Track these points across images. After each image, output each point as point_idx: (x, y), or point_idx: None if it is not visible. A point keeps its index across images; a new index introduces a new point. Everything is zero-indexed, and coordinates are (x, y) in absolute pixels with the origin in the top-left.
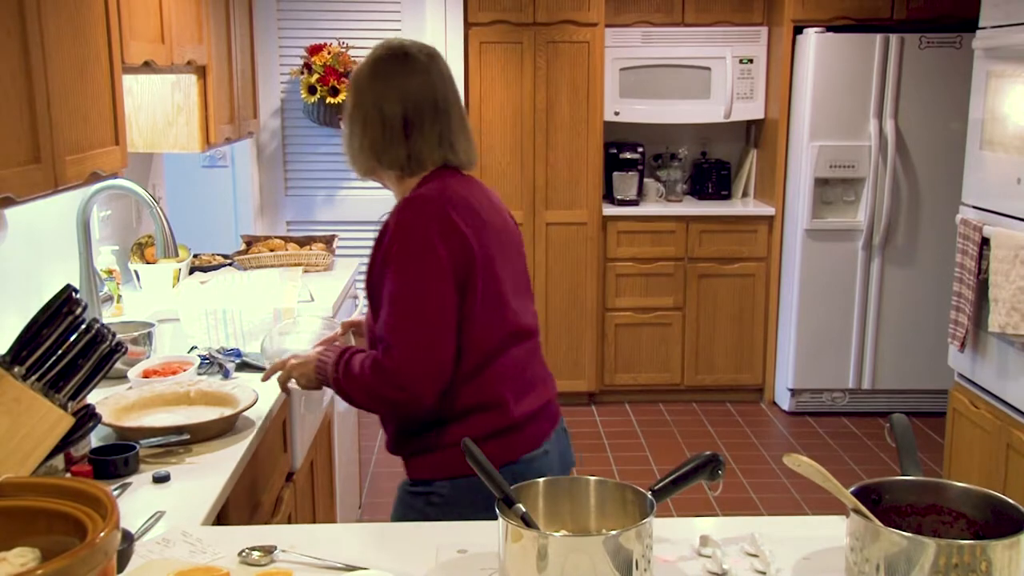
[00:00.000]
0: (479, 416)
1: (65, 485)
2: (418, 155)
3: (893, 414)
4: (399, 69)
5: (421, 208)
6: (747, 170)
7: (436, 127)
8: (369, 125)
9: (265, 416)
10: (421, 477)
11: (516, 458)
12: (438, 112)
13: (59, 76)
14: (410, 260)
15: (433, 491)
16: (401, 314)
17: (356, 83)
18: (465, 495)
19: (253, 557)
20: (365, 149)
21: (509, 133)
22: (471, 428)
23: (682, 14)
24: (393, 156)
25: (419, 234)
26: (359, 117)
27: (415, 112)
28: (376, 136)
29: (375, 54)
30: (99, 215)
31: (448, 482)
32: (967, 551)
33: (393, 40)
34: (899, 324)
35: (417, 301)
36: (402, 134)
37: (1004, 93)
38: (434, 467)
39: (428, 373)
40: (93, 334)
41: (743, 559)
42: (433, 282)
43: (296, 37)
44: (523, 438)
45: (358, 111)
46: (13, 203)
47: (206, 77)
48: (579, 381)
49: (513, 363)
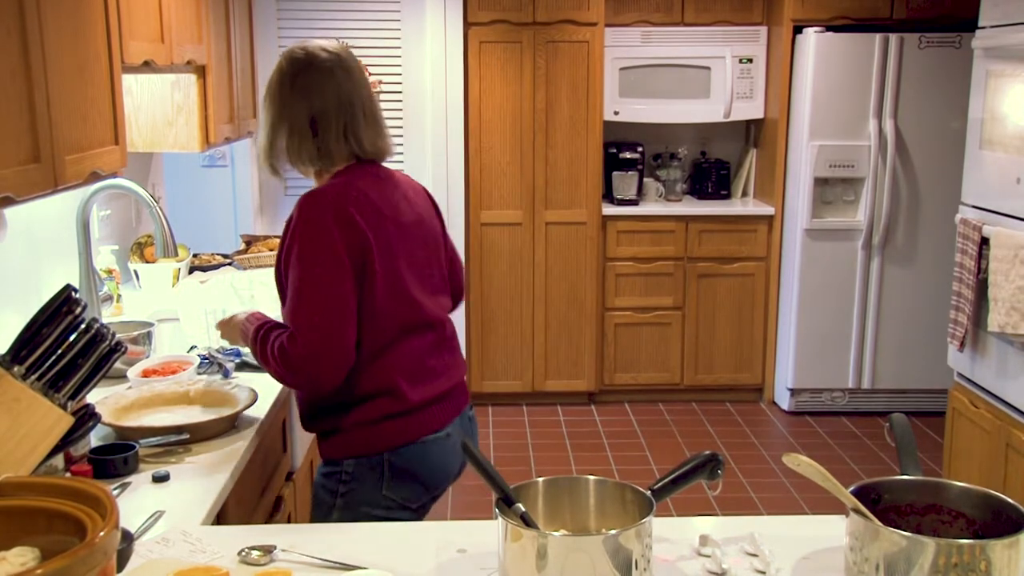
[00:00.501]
0: (376, 401)
1: (65, 485)
2: (327, 151)
3: (893, 414)
4: (302, 74)
5: (319, 202)
6: (747, 170)
7: (340, 123)
8: (280, 129)
9: (265, 416)
10: (332, 457)
11: (413, 439)
12: (342, 109)
13: (59, 76)
14: (309, 251)
15: (341, 470)
16: (302, 302)
17: (267, 93)
18: (367, 473)
19: (253, 557)
20: (279, 151)
21: (508, 133)
22: (369, 412)
23: (682, 14)
24: (306, 155)
25: (317, 226)
26: (269, 122)
27: (320, 112)
28: (288, 137)
29: (280, 64)
30: (99, 215)
31: (353, 460)
32: (966, 551)
33: (296, 48)
34: (899, 324)
35: (317, 290)
36: (310, 133)
37: (1004, 93)
38: (341, 447)
39: (328, 359)
40: (93, 334)
41: (743, 559)
42: (331, 272)
43: (296, 36)
44: (420, 421)
45: (269, 116)
46: (13, 202)
47: (206, 77)
48: (579, 381)
49: (411, 352)
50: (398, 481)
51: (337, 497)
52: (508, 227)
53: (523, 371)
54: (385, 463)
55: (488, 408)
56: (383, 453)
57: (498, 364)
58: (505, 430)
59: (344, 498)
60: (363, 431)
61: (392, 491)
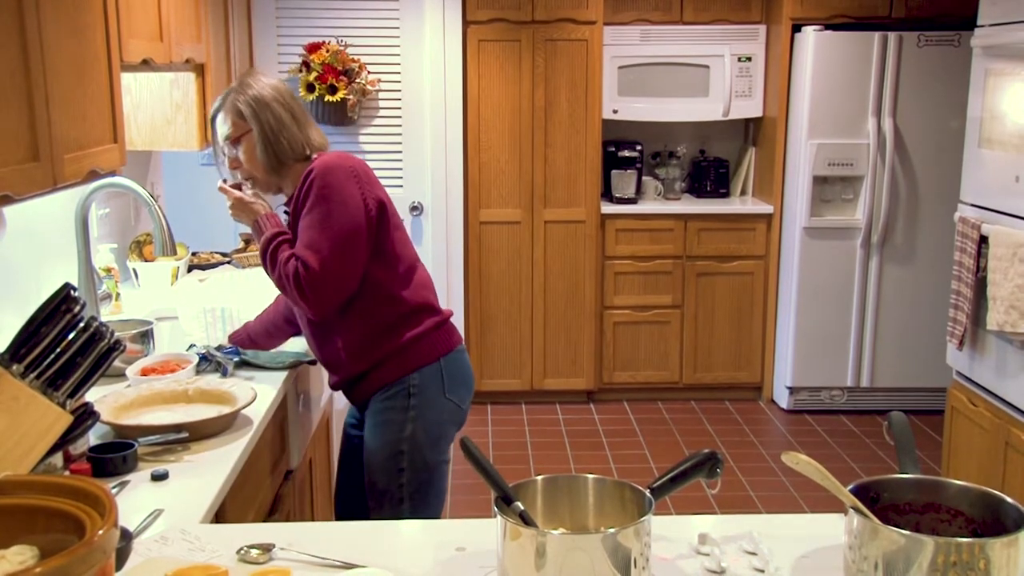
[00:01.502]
0: (420, 316)
1: (64, 483)
2: (308, 139)
3: (891, 412)
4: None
5: (335, 163)
6: (745, 168)
7: (305, 115)
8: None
9: (263, 414)
10: (396, 377)
11: (455, 346)
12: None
13: (58, 74)
14: (332, 198)
15: (408, 384)
16: (313, 236)
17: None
18: (430, 380)
19: (252, 555)
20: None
21: (507, 131)
22: (418, 325)
23: (680, 12)
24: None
25: (338, 179)
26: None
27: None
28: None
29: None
30: (98, 213)
31: (417, 372)
32: (965, 549)
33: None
34: (898, 322)
35: (325, 226)
36: (295, 126)
37: (1002, 91)
38: (404, 363)
39: (335, 282)
40: (92, 332)
41: (742, 557)
42: (351, 217)
43: (294, 35)
44: (452, 331)
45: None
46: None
47: (205, 75)
48: (578, 379)
49: (425, 278)
50: (453, 383)
51: (409, 410)
52: (507, 225)
53: (522, 370)
54: (442, 368)
55: (487, 406)
56: (439, 359)
57: (497, 362)
58: (504, 428)
59: (415, 409)
60: (419, 344)
61: (452, 393)
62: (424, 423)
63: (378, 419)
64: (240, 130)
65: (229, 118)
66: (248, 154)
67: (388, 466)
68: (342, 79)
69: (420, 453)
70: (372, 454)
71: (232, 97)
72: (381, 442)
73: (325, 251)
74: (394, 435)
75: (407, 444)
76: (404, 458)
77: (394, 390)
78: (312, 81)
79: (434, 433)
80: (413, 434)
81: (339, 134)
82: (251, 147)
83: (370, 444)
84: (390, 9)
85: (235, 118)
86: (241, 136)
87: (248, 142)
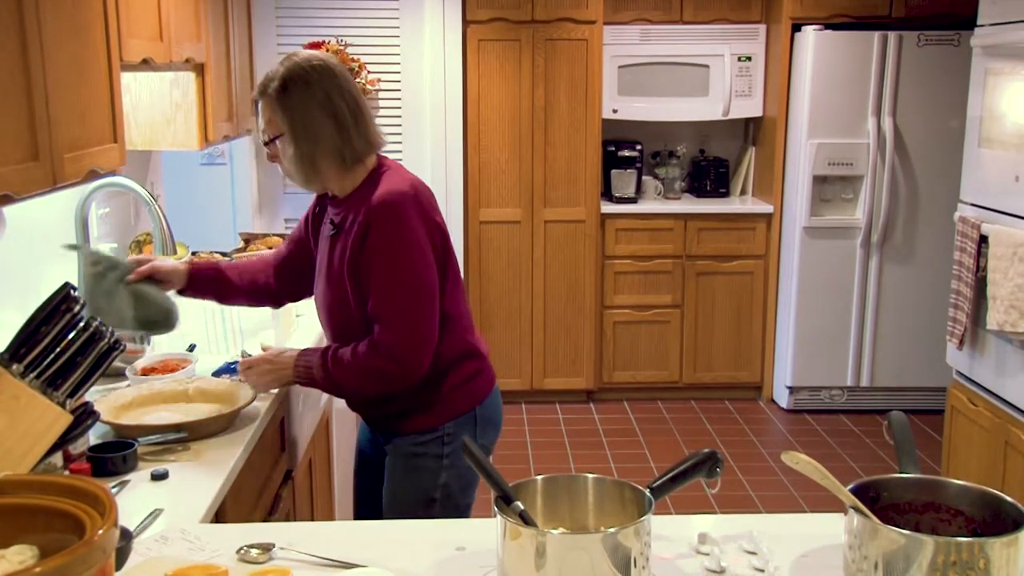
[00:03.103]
0: (463, 363)
1: (63, 483)
2: (352, 150)
3: (891, 412)
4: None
5: (401, 201)
6: (745, 168)
7: (365, 115)
8: (318, 130)
9: (263, 414)
10: (431, 426)
11: (491, 389)
12: (359, 103)
13: (57, 74)
14: (402, 247)
15: (442, 433)
16: (393, 294)
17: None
18: (463, 429)
19: (251, 555)
20: (320, 162)
21: (507, 131)
22: (460, 375)
23: (680, 12)
24: (344, 156)
25: (401, 225)
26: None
27: (352, 105)
28: (329, 136)
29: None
30: (97, 212)
31: (452, 422)
32: (965, 549)
33: (295, 55)
34: (897, 321)
35: (402, 283)
36: (337, 136)
37: (1002, 91)
38: (441, 414)
39: (420, 346)
40: (91, 332)
41: (741, 557)
42: (422, 266)
43: (294, 35)
44: (491, 371)
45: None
46: (12, 200)
47: (204, 75)
48: (577, 379)
49: (468, 316)
50: (484, 429)
51: (443, 458)
52: (507, 225)
53: (522, 369)
54: (477, 416)
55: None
56: (475, 408)
57: (497, 362)
58: (504, 428)
59: (449, 458)
60: (458, 393)
61: (483, 437)
62: (457, 470)
63: (409, 464)
64: (275, 131)
65: (265, 113)
66: (283, 155)
67: (419, 512)
68: None
69: (452, 500)
70: (399, 496)
71: (274, 89)
72: (412, 487)
73: (401, 314)
74: (427, 482)
75: (440, 492)
76: (436, 505)
77: (428, 437)
78: None
79: (466, 479)
80: (447, 482)
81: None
82: (284, 150)
83: (398, 485)
84: (390, 9)
85: (270, 115)
86: (276, 137)
87: (282, 144)
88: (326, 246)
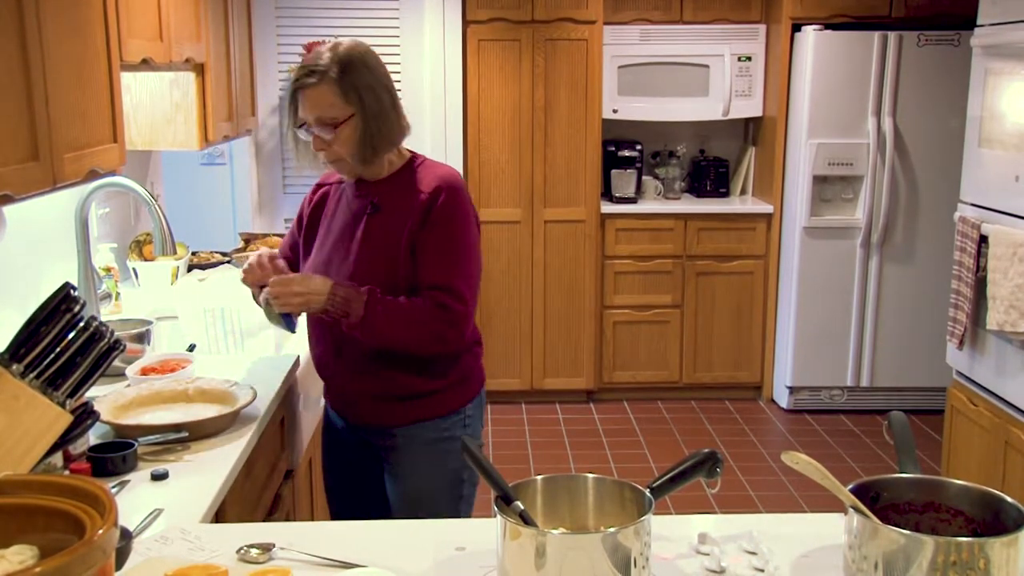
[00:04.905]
0: (475, 347)
1: (63, 483)
2: (402, 128)
3: (891, 412)
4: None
5: (462, 185)
6: (745, 168)
7: (397, 94)
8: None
9: (263, 414)
10: (454, 408)
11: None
12: (392, 83)
13: (57, 74)
14: (463, 224)
15: (463, 415)
16: (463, 266)
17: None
18: (477, 410)
19: (251, 555)
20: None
21: (507, 131)
22: (476, 357)
23: (680, 12)
24: (398, 134)
25: (464, 206)
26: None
27: (392, 87)
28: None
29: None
30: (97, 212)
31: (470, 403)
32: (965, 549)
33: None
34: (897, 321)
35: (472, 258)
36: (394, 113)
37: (1002, 91)
38: (462, 396)
39: (472, 319)
40: (91, 332)
41: (741, 557)
42: (476, 243)
43: (294, 35)
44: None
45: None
46: (12, 200)
47: (204, 75)
48: (577, 379)
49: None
50: (483, 410)
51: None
52: (507, 225)
53: (522, 369)
54: (483, 397)
55: (487, 406)
56: (482, 391)
57: (497, 362)
58: (504, 428)
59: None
60: (473, 375)
61: (484, 419)
62: None
63: (436, 449)
64: (343, 114)
65: (328, 98)
66: (344, 140)
67: (446, 497)
68: None
69: (475, 477)
70: (424, 484)
71: (336, 73)
72: (439, 473)
73: (469, 286)
74: (455, 463)
75: (467, 472)
76: (465, 485)
77: (452, 420)
78: None
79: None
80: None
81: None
82: (350, 134)
83: (424, 472)
84: (390, 9)
85: (336, 99)
86: (343, 121)
87: (348, 128)
88: (351, 225)
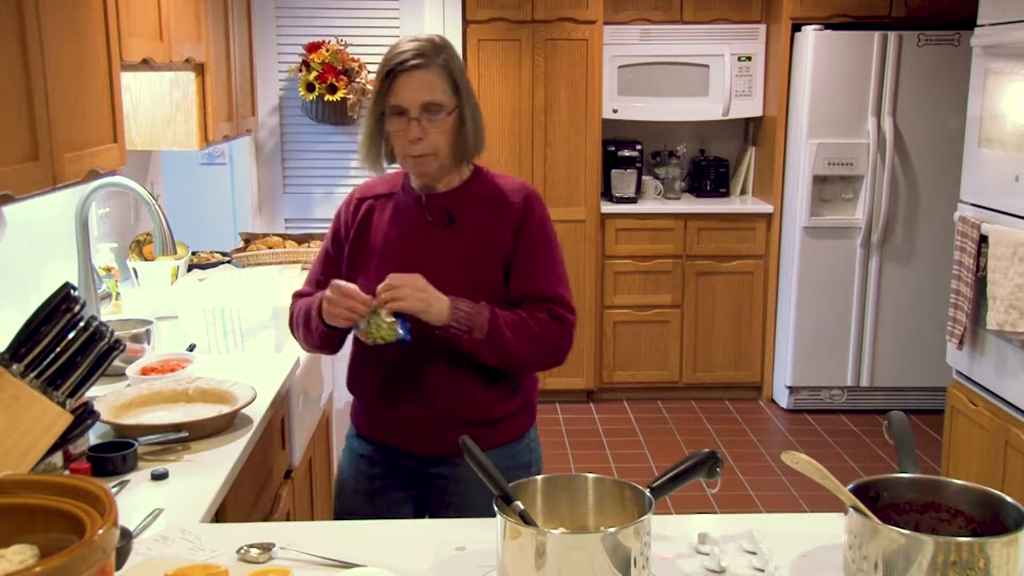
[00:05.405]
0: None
1: (63, 482)
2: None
3: (891, 412)
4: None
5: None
6: (745, 168)
7: None
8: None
9: (263, 414)
10: (523, 431)
11: None
12: None
13: (57, 74)
14: (554, 233)
15: (529, 439)
16: (564, 276)
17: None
18: (536, 432)
19: (251, 554)
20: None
21: (507, 131)
22: (532, 380)
23: (680, 12)
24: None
25: (549, 215)
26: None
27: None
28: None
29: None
30: (97, 212)
31: (533, 428)
32: (965, 548)
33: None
34: (897, 321)
35: (565, 270)
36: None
37: (1002, 91)
38: (527, 420)
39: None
40: (91, 331)
41: (741, 556)
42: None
43: (294, 35)
44: None
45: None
46: (12, 200)
47: (204, 75)
48: (577, 379)
49: None
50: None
51: (531, 467)
52: None
53: None
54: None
55: None
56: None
57: None
58: None
59: (536, 465)
60: (534, 398)
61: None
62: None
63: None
64: (450, 104)
65: (439, 83)
66: (446, 130)
67: None
68: (342, 78)
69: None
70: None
71: (443, 61)
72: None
73: (570, 297)
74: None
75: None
76: None
77: (522, 445)
78: (312, 80)
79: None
80: None
81: (339, 133)
82: (452, 125)
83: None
84: (390, 9)
85: (445, 86)
86: (448, 112)
87: (451, 120)
88: (420, 238)
